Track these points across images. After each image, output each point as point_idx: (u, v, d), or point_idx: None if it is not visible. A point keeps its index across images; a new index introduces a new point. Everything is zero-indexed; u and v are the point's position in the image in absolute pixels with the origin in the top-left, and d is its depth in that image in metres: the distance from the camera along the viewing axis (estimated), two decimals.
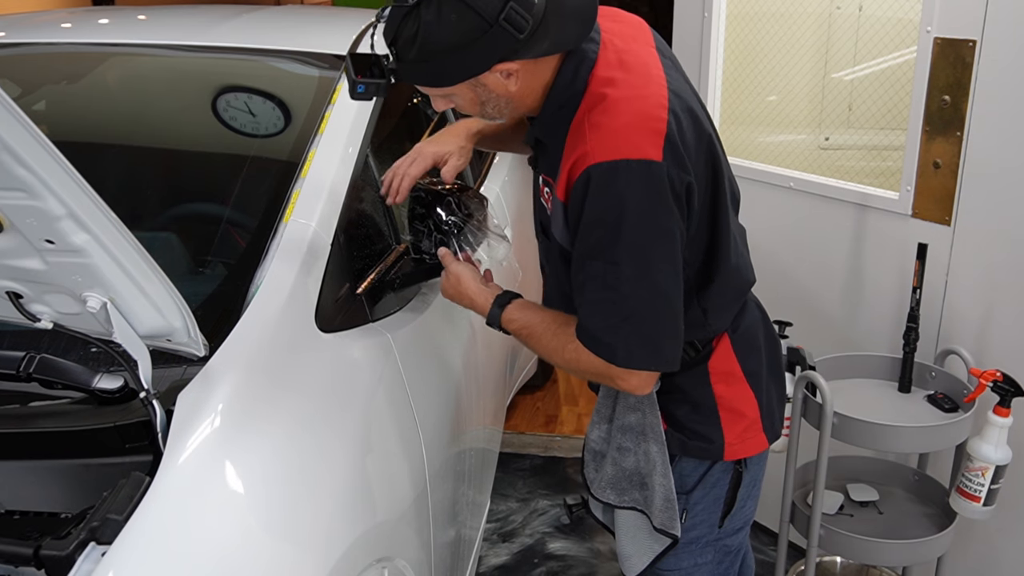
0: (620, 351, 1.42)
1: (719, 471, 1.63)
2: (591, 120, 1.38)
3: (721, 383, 1.59)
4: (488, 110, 1.45)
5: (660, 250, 1.38)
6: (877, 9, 2.39)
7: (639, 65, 1.43)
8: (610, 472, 1.63)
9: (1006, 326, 2.12)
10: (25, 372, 1.29)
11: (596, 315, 1.42)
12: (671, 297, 1.41)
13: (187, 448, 1.17)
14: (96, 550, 1.06)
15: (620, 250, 1.36)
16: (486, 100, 1.42)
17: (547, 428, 3.55)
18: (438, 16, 1.29)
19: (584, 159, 1.36)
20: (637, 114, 1.36)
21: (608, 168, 1.34)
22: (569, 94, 1.41)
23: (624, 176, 1.33)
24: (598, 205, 1.36)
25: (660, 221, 1.36)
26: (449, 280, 1.65)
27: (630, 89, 1.39)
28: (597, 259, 1.39)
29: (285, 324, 1.44)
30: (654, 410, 1.57)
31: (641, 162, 1.33)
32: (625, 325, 1.40)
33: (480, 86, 1.38)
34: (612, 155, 1.34)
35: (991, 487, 1.96)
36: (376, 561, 1.40)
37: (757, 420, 1.63)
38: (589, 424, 1.70)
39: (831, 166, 2.54)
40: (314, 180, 1.69)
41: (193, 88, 2.12)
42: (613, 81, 1.39)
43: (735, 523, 1.69)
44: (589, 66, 1.41)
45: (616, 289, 1.38)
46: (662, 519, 1.58)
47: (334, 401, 1.45)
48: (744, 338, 1.62)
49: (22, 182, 1.00)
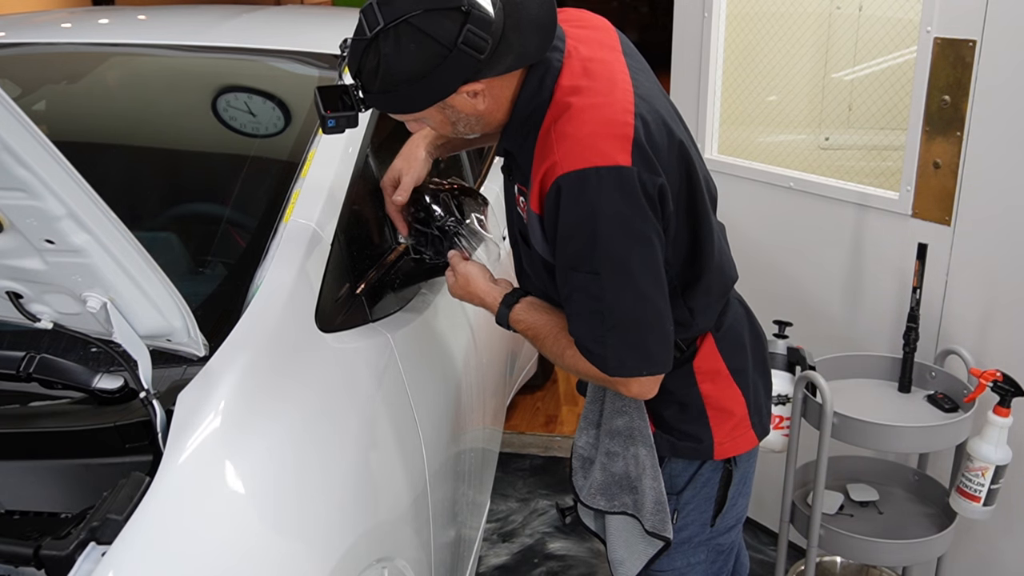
0: (611, 360, 1.42)
1: (709, 470, 1.63)
2: (557, 129, 1.37)
3: (707, 382, 1.59)
4: (460, 128, 1.46)
5: (639, 255, 1.37)
6: (877, 9, 2.39)
7: (604, 72, 1.42)
8: (599, 478, 1.63)
9: (1006, 326, 2.12)
10: (25, 372, 1.29)
11: (583, 326, 1.43)
12: (655, 301, 1.40)
13: (187, 448, 1.17)
14: (96, 550, 1.06)
15: (598, 259, 1.36)
16: (456, 120, 1.43)
17: (547, 428, 3.55)
18: (396, 47, 1.30)
19: (553, 170, 1.35)
20: (603, 121, 1.36)
21: (577, 177, 1.33)
22: (534, 105, 1.41)
23: (594, 184, 1.33)
24: (571, 216, 1.36)
25: (635, 226, 1.36)
26: (459, 281, 1.65)
27: (595, 96, 1.38)
28: (578, 270, 1.39)
29: (285, 324, 1.44)
30: (641, 413, 1.57)
31: (611, 168, 1.33)
32: (611, 335, 1.40)
33: (448, 108, 1.39)
34: (580, 163, 1.33)
35: (991, 487, 1.96)
36: (376, 561, 1.40)
37: (745, 417, 1.63)
38: (576, 430, 1.70)
39: (831, 166, 2.54)
40: (314, 180, 1.69)
41: (193, 88, 2.12)
42: (578, 90, 1.39)
43: (727, 521, 1.69)
44: (554, 76, 1.41)
45: (600, 299, 1.38)
46: (653, 522, 1.58)
47: (334, 401, 1.45)
48: (728, 335, 1.62)
49: (22, 182, 1.00)
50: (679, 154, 1.43)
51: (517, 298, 1.59)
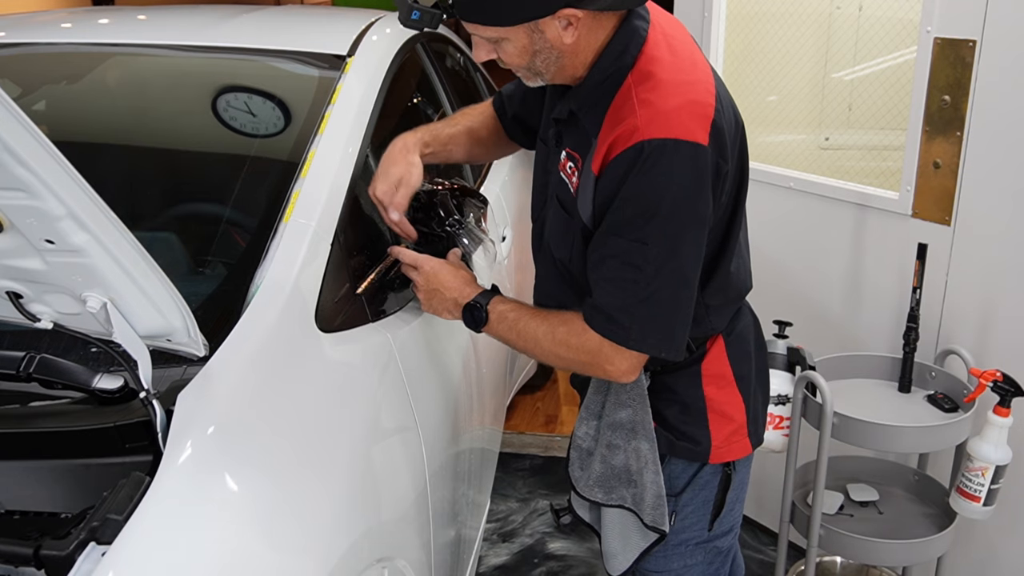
0: (634, 332, 1.40)
1: (708, 474, 1.63)
2: (640, 96, 1.36)
3: (712, 385, 1.60)
4: (537, 63, 1.40)
5: (691, 235, 1.37)
6: (877, 9, 2.39)
7: (686, 51, 1.43)
8: (598, 470, 1.62)
9: (1006, 326, 2.12)
10: (25, 372, 1.29)
11: (614, 293, 1.40)
12: (690, 284, 1.40)
13: (187, 448, 1.17)
14: (96, 550, 1.06)
15: (653, 230, 1.35)
16: (539, 50, 1.37)
17: (547, 428, 3.55)
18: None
19: (634, 133, 1.34)
20: (688, 98, 1.36)
21: (659, 145, 1.32)
22: (616, 67, 1.40)
23: (673, 156, 1.32)
24: (640, 182, 1.34)
25: (697, 207, 1.36)
26: (425, 276, 1.62)
27: (679, 73, 1.38)
28: (623, 236, 1.37)
29: (285, 324, 1.44)
30: (645, 407, 1.57)
31: (692, 144, 1.33)
32: (642, 307, 1.39)
33: (537, 32, 1.34)
34: (663, 133, 1.32)
35: (991, 487, 1.96)
36: (376, 561, 1.40)
37: (744, 425, 1.63)
38: (576, 421, 1.69)
39: (831, 166, 2.55)
40: (314, 180, 1.69)
41: (193, 88, 2.12)
42: (661, 61, 1.39)
43: (724, 525, 1.69)
44: (639, 43, 1.40)
45: (640, 269, 1.36)
46: (653, 516, 1.58)
47: (334, 401, 1.45)
48: (737, 342, 1.62)
49: (22, 182, 1.00)
50: (740, 147, 1.45)
51: (495, 292, 1.58)
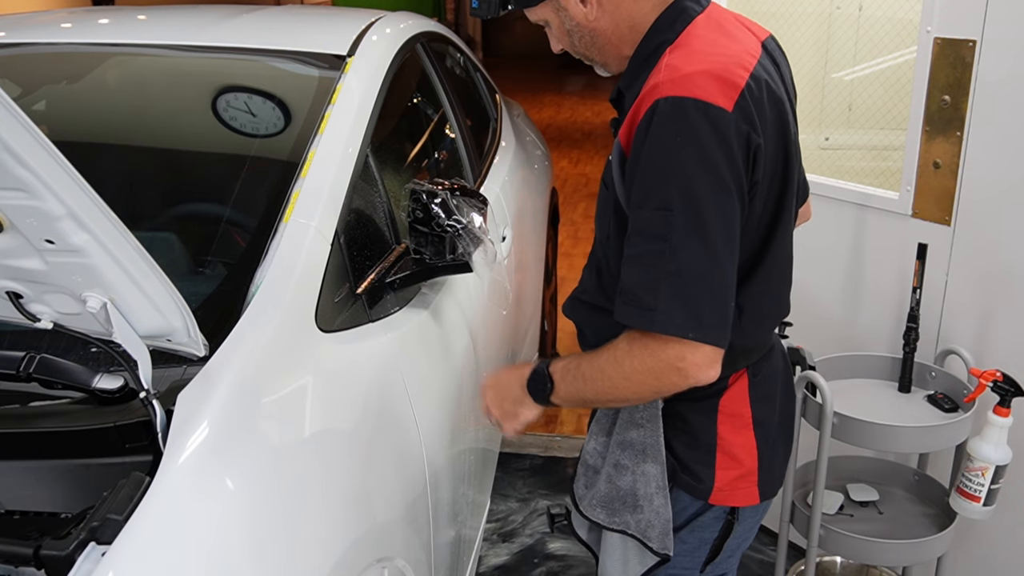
0: (660, 312, 1.29)
1: (710, 517, 1.54)
2: (668, 62, 1.34)
3: (727, 424, 1.50)
4: (576, 43, 1.47)
5: (716, 202, 1.28)
6: (877, 9, 2.40)
7: (739, 34, 1.41)
8: (603, 490, 1.54)
9: (1006, 326, 2.12)
10: (25, 372, 1.29)
11: (638, 270, 1.31)
12: (721, 259, 1.29)
13: (187, 448, 1.17)
14: (96, 550, 1.06)
15: (673, 193, 1.27)
16: (570, 30, 1.45)
17: (547, 428, 3.55)
18: None
19: (652, 93, 1.31)
20: (716, 65, 1.31)
21: (675, 103, 1.28)
22: (659, 41, 1.39)
23: (690, 115, 1.27)
24: (656, 143, 1.29)
25: (719, 170, 1.27)
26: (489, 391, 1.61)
27: (716, 47, 1.35)
28: (646, 206, 1.30)
29: (285, 324, 1.44)
30: (657, 429, 1.48)
31: (710, 105, 1.27)
32: (667, 283, 1.28)
33: (562, 10, 1.42)
34: (680, 91, 1.28)
35: (991, 487, 1.96)
36: (376, 561, 1.40)
37: (753, 472, 1.52)
38: (587, 435, 1.61)
39: (831, 166, 2.55)
40: (314, 180, 1.69)
41: (193, 88, 2.12)
42: (702, 38, 1.37)
43: (718, 570, 1.60)
44: (685, 21, 1.40)
45: (664, 239, 1.28)
46: (663, 542, 1.50)
47: (334, 401, 1.45)
48: (762, 384, 1.53)
49: (22, 182, 1.00)
50: (781, 134, 1.38)
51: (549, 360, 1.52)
